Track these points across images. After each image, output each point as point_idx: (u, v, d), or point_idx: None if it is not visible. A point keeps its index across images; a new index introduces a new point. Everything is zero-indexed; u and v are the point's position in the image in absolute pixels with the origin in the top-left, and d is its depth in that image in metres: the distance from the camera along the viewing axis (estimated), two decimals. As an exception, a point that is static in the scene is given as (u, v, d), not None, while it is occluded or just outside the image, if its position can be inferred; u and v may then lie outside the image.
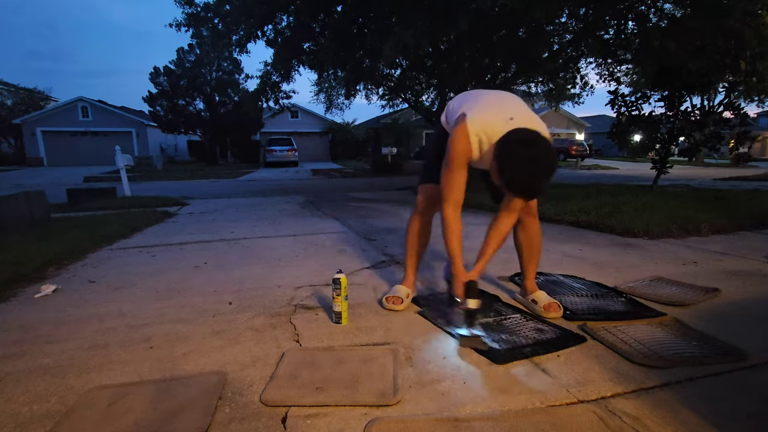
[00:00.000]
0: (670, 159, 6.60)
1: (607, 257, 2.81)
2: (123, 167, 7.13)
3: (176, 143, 27.75)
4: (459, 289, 1.60)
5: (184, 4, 7.00)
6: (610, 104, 6.68)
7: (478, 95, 1.76)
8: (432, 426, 1.08)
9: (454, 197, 1.64)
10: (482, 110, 1.60)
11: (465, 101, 1.73)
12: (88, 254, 3.03)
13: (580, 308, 1.85)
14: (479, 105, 1.64)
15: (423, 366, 1.40)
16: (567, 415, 1.12)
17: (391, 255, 2.91)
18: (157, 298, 2.11)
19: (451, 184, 1.63)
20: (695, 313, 1.81)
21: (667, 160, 6.49)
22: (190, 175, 14.40)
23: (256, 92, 8.56)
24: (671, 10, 6.61)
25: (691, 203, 4.64)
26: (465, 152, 1.59)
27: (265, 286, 2.27)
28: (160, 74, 20.09)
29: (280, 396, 1.22)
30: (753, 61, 5.86)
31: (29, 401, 1.22)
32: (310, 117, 28.93)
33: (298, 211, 5.28)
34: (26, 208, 4.05)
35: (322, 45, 7.17)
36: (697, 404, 1.17)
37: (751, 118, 6.54)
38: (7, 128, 23.01)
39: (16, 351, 1.54)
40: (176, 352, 1.52)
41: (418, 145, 26.88)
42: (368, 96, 11.30)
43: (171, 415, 1.13)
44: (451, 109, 1.81)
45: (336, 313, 1.74)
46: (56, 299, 2.11)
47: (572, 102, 10.87)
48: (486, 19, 5.80)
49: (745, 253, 2.88)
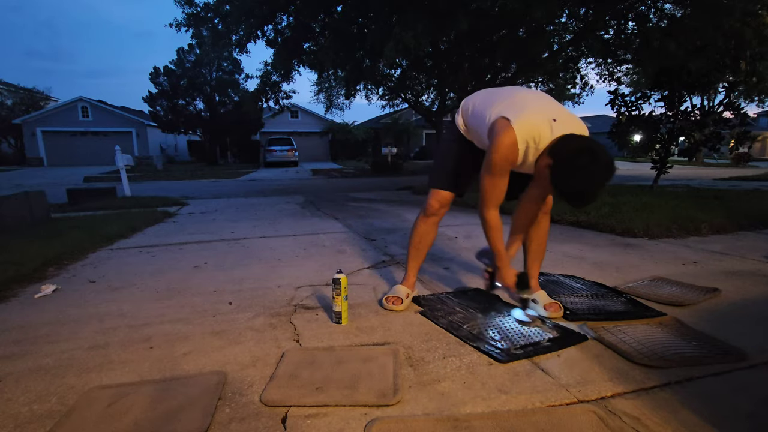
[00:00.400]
0: (670, 159, 6.60)
1: (607, 257, 2.81)
2: (123, 167, 7.13)
3: (176, 143, 27.76)
4: (510, 281, 1.67)
5: (184, 4, 7.01)
6: (610, 104, 6.67)
7: (509, 94, 1.64)
8: (432, 426, 1.08)
9: (497, 200, 1.63)
10: (526, 113, 1.50)
11: (494, 101, 1.61)
12: (88, 254, 3.03)
13: (580, 308, 1.85)
14: (518, 104, 1.54)
15: (423, 366, 1.40)
16: (567, 415, 1.12)
17: (391, 255, 2.91)
18: (157, 298, 2.11)
19: (495, 190, 1.59)
20: (695, 313, 1.81)
21: (667, 160, 6.49)
22: (190, 175, 14.41)
23: (256, 92, 8.57)
24: (671, 10, 6.62)
25: (691, 203, 4.64)
26: (512, 159, 1.51)
27: (265, 286, 2.27)
28: (160, 74, 20.10)
29: (280, 396, 1.22)
30: (753, 61, 5.86)
31: (29, 401, 1.22)
32: (310, 117, 28.93)
33: (298, 211, 5.28)
34: (26, 208, 4.05)
35: (322, 45, 7.18)
36: (697, 404, 1.17)
37: (751, 118, 6.54)
38: (7, 128, 23.01)
39: (16, 351, 1.54)
40: (176, 352, 1.52)
41: (418, 145, 26.90)
42: (368, 96, 11.33)
43: (171, 415, 1.13)
44: (473, 111, 1.71)
45: (336, 313, 1.74)
46: (56, 299, 2.10)
47: (572, 102, 10.88)
48: (486, 19, 5.80)
49: (745, 253, 2.88)
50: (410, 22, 5.35)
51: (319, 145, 28.80)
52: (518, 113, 1.49)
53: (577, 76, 9.08)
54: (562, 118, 1.50)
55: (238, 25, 6.65)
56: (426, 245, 1.99)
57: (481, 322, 1.72)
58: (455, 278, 2.38)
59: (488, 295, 2.03)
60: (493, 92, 1.72)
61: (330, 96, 14.19)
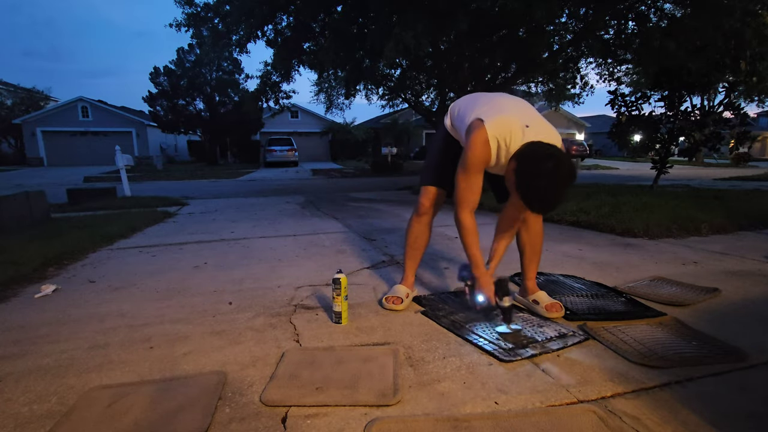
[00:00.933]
0: (670, 159, 6.60)
1: (607, 257, 2.81)
2: (123, 167, 7.13)
3: (176, 143, 27.76)
4: (489, 289, 1.64)
5: (184, 4, 7.00)
6: (610, 104, 6.67)
7: (489, 99, 1.71)
8: (432, 426, 1.08)
9: (471, 202, 1.66)
10: (499, 113, 1.57)
11: (475, 105, 1.69)
12: (88, 254, 3.03)
13: (581, 308, 1.85)
14: (495, 108, 1.61)
15: (423, 366, 1.40)
16: (567, 415, 1.12)
17: (391, 255, 2.91)
18: (157, 298, 2.11)
19: (468, 190, 1.63)
20: (695, 313, 1.81)
21: (667, 160, 6.49)
22: (190, 175, 14.41)
23: (256, 92, 8.56)
24: (671, 10, 6.61)
25: (691, 203, 4.64)
26: (484, 158, 1.57)
27: (265, 286, 2.27)
28: (160, 74, 20.10)
29: (280, 396, 1.22)
30: (753, 61, 5.86)
31: (29, 401, 1.22)
32: (310, 117, 28.94)
33: (298, 211, 5.28)
34: (26, 208, 4.05)
35: (322, 45, 7.17)
36: (697, 404, 1.17)
37: (751, 118, 6.54)
38: (7, 128, 23.02)
39: (16, 351, 1.54)
40: (176, 352, 1.52)
41: (418, 145, 26.89)
42: (368, 96, 11.30)
43: (171, 415, 1.13)
44: (458, 113, 1.78)
45: (336, 313, 1.74)
46: (56, 299, 2.10)
47: (572, 102, 10.86)
48: (486, 19, 5.79)
49: (745, 253, 2.88)
50: (410, 22, 5.35)
51: (319, 145, 28.80)
52: (493, 115, 1.56)
53: (577, 76, 9.05)
54: (536, 126, 1.56)
55: (238, 25, 6.64)
56: (421, 245, 2.00)
57: (483, 322, 1.72)
58: (455, 278, 2.37)
59: None
60: (477, 97, 1.79)
61: (330, 96, 14.18)
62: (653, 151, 6.68)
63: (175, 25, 7.16)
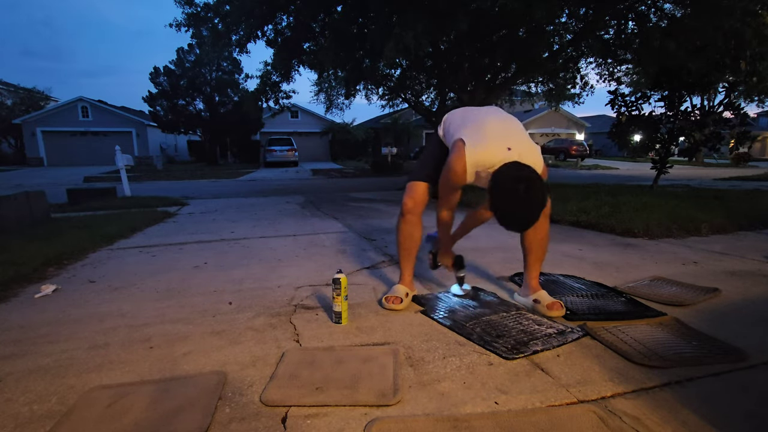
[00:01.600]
0: (670, 159, 6.60)
1: (607, 257, 2.81)
2: (123, 167, 7.13)
3: (176, 143, 27.74)
4: (448, 261, 2.04)
5: (184, 4, 6.99)
6: (610, 104, 6.67)
7: (476, 119, 1.78)
8: (432, 426, 1.08)
9: (449, 205, 1.88)
10: (482, 144, 1.64)
11: (462, 125, 1.78)
12: (88, 254, 3.03)
13: (581, 308, 1.85)
14: (479, 133, 1.68)
15: (423, 366, 1.40)
16: (567, 415, 1.12)
17: (391, 255, 2.91)
18: (157, 298, 2.11)
19: (446, 198, 1.84)
20: (695, 313, 1.81)
21: (667, 160, 6.49)
22: (190, 175, 14.40)
23: (256, 92, 8.55)
24: (671, 10, 6.60)
25: (691, 203, 4.64)
26: (459, 182, 1.72)
27: (265, 286, 2.27)
28: (160, 74, 20.08)
29: (280, 396, 1.22)
30: (753, 61, 5.85)
31: (29, 401, 1.22)
32: (310, 117, 28.92)
33: (298, 211, 5.28)
34: (26, 208, 4.05)
35: (322, 45, 7.16)
36: (697, 404, 1.17)
37: (751, 118, 6.55)
38: (7, 128, 22.99)
39: (16, 351, 1.54)
40: (176, 352, 1.52)
41: (418, 145, 26.90)
42: (368, 96, 11.28)
43: (171, 415, 1.13)
44: (449, 126, 1.87)
45: (336, 313, 1.74)
46: (56, 299, 2.11)
47: (572, 102, 10.84)
48: (486, 19, 5.79)
49: (745, 253, 2.88)
50: (410, 22, 5.35)
51: (319, 145, 28.80)
52: (476, 143, 1.66)
53: (577, 76, 9.04)
54: (518, 147, 1.63)
55: (238, 25, 6.64)
56: (414, 244, 2.01)
57: (483, 320, 1.72)
58: (454, 277, 2.37)
59: (488, 293, 2.05)
60: (466, 114, 1.88)
61: (330, 96, 14.16)
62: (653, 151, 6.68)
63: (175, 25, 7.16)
